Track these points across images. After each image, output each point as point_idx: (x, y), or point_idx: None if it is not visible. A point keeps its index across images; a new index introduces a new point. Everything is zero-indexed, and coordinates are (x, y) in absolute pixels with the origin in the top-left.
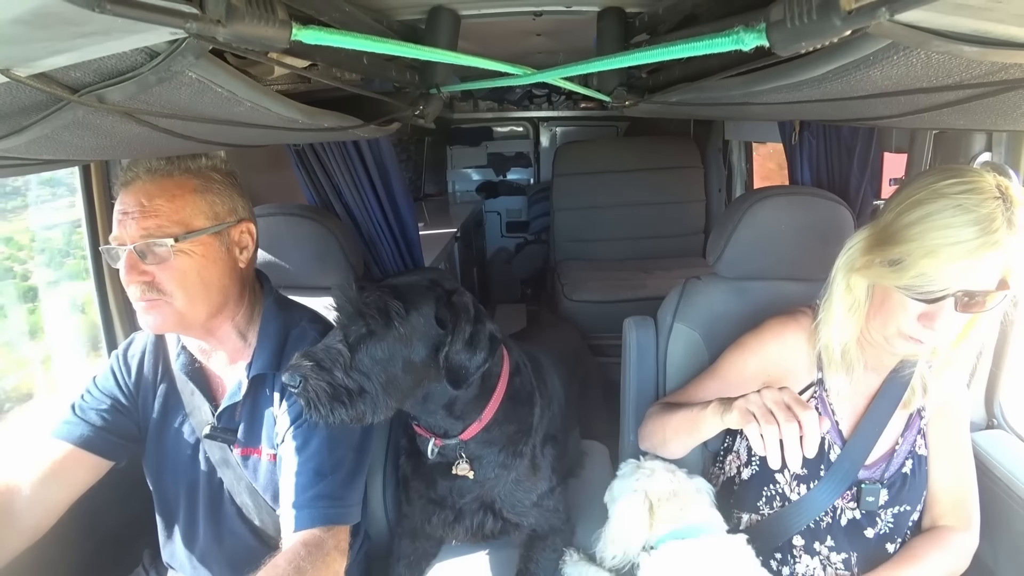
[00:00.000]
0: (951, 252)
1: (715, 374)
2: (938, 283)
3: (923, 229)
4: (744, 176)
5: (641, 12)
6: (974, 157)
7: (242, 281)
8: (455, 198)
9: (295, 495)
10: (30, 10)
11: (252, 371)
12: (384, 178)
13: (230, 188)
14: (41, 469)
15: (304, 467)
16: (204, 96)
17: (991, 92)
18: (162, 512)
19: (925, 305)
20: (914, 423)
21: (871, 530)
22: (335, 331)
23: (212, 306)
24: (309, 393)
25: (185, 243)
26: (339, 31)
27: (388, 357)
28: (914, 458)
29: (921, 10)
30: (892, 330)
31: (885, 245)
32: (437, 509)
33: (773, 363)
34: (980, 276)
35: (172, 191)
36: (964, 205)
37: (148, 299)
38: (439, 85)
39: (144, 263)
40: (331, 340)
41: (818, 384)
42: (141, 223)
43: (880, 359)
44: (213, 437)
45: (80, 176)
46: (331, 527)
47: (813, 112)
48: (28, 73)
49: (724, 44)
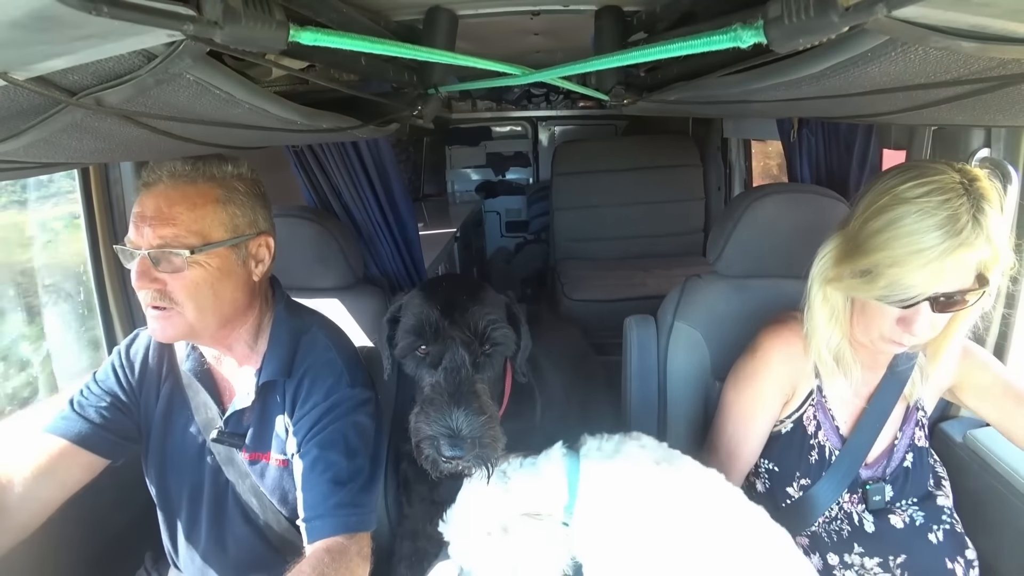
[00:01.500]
0: (917, 259)
1: (743, 415)
2: (910, 290)
3: (888, 238)
4: (743, 174)
5: (639, 10)
6: (973, 153)
7: (253, 293)
8: (454, 198)
9: (317, 505)
10: (27, 13)
11: (262, 378)
12: (383, 178)
13: (253, 199)
14: (34, 465)
15: (323, 477)
16: (202, 98)
17: (989, 88)
18: (164, 512)
19: (902, 311)
20: (912, 416)
21: (896, 518)
22: (455, 363)
23: (222, 318)
24: (480, 463)
25: (201, 255)
26: (337, 32)
27: (497, 378)
28: (914, 451)
29: (919, 6)
30: (875, 335)
31: (854, 256)
32: (439, 511)
33: (786, 377)
34: (953, 277)
35: (194, 199)
36: (925, 209)
37: (158, 307)
38: (437, 85)
39: (157, 270)
40: (463, 375)
41: (817, 391)
42: (158, 230)
43: (875, 358)
44: (220, 441)
45: (79, 179)
46: (353, 534)
47: (812, 109)
48: (26, 76)
49: (722, 42)
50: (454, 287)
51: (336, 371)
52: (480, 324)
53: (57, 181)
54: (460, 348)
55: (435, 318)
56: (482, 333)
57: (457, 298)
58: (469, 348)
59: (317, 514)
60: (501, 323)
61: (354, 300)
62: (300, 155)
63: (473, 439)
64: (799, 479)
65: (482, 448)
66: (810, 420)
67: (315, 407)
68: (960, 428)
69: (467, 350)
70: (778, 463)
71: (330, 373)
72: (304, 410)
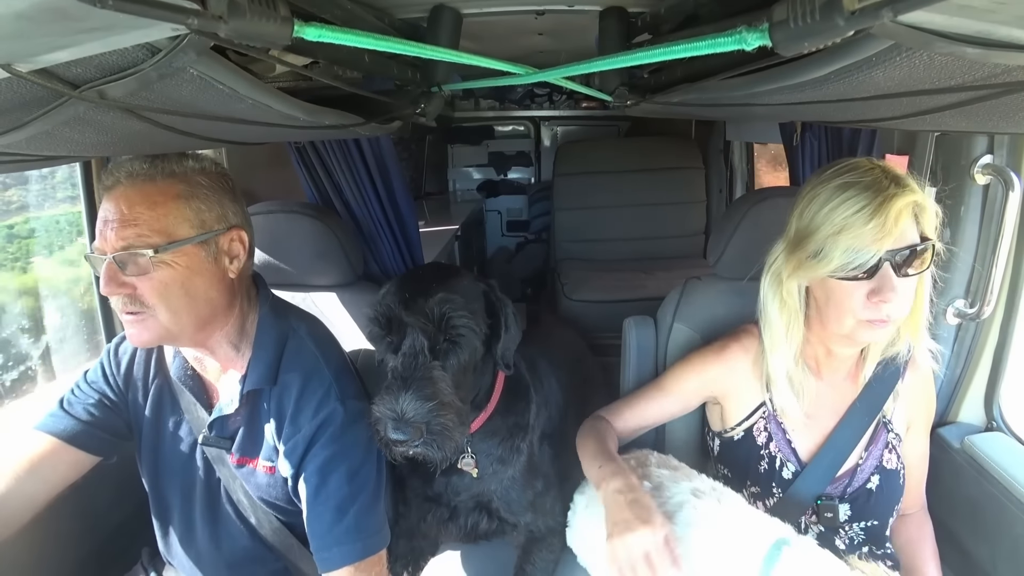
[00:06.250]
0: (857, 219)
1: (659, 386)
2: (865, 252)
3: (824, 213)
4: (745, 177)
5: (643, 12)
6: (975, 159)
7: (232, 291)
8: (456, 197)
9: (324, 535)
10: (33, 5)
11: (247, 386)
12: (384, 176)
13: (219, 193)
14: (21, 461)
15: (327, 506)
16: (205, 93)
17: (993, 94)
18: (158, 510)
19: (868, 282)
20: (880, 436)
21: (839, 541)
22: (413, 349)
23: (198, 319)
24: (432, 448)
25: (167, 254)
26: (341, 29)
27: (466, 366)
28: (881, 472)
29: (924, 11)
30: (849, 322)
31: (801, 244)
32: (433, 507)
33: (714, 382)
34: (898, 232)
35: (154, 198)
36: (848, 181)
37: (130, 311)
38: (440, 83)
39: (124, 274)
40: (420, 361)
41: (769, 403)
42: (120, 232)
43: (853, 370)
44: (207, 444)
45: (80, 173)
46: (361, 562)
47: (815, 113)
48: (29, 69)
49: (727, 44)
50: (427, 276)
51: (325, 384)
52: (441, 312)
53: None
54: (418, 335)
55: (394, 305)
56: (442, 320)
57: (424, 287)
58: (427, 334)
59: (325, 545)
60: (463, 312)
61: (354, 297)
62: (302, 151)
63: (419, 424)
64: (750, 487)
65: (431, 435)
66: (760, 431)
67: (306, 424)
68: (958, 434)
69: (425, 336)
70: (730, 469)
71: (319, 386)
72: (295, 427)
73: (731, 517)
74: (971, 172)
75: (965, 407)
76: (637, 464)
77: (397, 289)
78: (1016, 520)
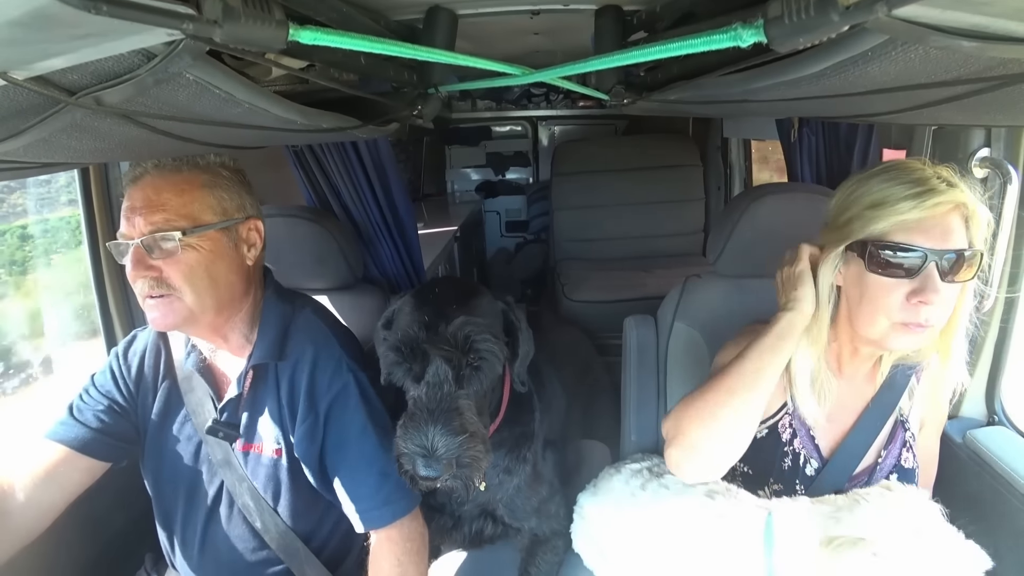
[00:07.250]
0: (896, 193)
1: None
2: (909, 244)
3: (863, 192)
4: (743, 174)
5: (639, 10)
6: (973, 152)
7: (248, 278)
8: (454, 198)
9: (371, 496)
10: (26, 12)
11: (253, 360)
12: (382, 178)
13: (239, 185)
14: (35, 471)
15: (369, 471)
16: (202, 98)
17: (990, 87)
18: (161, 514)
19: (910, 281)
20: (898, 435)
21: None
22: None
23: (219, 302)
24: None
25: (193, 237)
26: (336, 31)
27: (488, 390)
28: (899, 471)
29: (919, 5)
30: (883, 324)
31: (836, 228)
32: (435, 516)
33: None
34: (943, 229)
35: (180, 186)
36: (893, 175)
37: (156, 295)
38: (437, 85)
39: (151, 257)
40: (445, 391)
41: (791, 401)
42: (149, 217)
43: (871, 370)
44: (215, 432)
45: (79, 179)
46: (405, 516)
47: (812, 109)
48: (25, 76)
49: (722, 41)
50: (444, 295)
51: (335, 356)
52: (464, 337)
53: None
54: (442, 363)
55: (417, 332)
56: (466, 346)
57: (444, 308)
58: (451, 363)
59: (375, 505)
60: (487, 335)
61: (353, 300)
62: (299, 155)
63: (450, 459)
64: (772, 484)
65: (460, 468)
66: (785, 428)
67: (323, 397)
68: (960, 428)
69: (449, 365)
70: (752, 466)
71: (329, 358)
72: (311, 401)
73: (722, 515)
74: (968, 165)
75: (967, 401)
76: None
77: (413, 310)
78: (1018, 514)
